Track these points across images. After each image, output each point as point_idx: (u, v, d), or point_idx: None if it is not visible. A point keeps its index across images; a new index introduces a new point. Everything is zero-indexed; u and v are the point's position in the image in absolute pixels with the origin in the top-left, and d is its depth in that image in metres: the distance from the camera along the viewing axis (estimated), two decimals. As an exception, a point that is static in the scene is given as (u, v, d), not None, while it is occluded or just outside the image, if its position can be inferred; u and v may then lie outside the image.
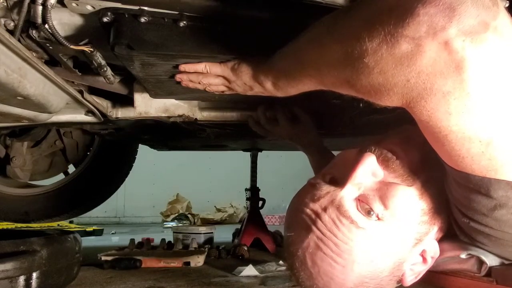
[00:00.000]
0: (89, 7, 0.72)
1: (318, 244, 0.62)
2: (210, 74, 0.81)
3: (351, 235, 0.61)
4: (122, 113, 1.13)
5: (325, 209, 0.63)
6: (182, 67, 0.80)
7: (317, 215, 0.64)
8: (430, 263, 0.68)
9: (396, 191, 0.64)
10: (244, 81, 0.78)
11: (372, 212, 0.62)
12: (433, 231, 0.68)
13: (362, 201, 0.63)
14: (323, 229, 0.62)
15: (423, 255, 0.68)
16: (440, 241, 0.70)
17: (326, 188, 0.66)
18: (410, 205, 0.65)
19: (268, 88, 0.75)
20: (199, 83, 0.84)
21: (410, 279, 0.68)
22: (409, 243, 0.65)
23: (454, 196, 0.61)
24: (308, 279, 0.65)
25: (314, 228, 0.63)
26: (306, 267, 0.64)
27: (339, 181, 0.66)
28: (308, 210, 0.65)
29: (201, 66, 0.80)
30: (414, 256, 0.67)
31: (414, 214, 0.65)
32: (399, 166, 0.66)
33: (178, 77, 0.84)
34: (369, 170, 0.64)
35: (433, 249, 0.68)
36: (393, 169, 0.66)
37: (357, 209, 0.63)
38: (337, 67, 0.56)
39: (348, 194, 0.64)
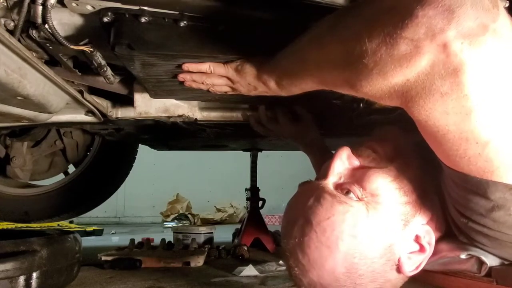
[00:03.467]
0: (89, 7, 0.72)
1: (303, 230, 0.64)
2: (213, 75, 0.81)
3: (332, 209, 0.63)
4: (122, 113, 1.13)
5: (309, 197, 0.67)
6: (186, 67, 0.80)
7: (302, 204, 0.67)
8: (429, 251, 0.67)
9: (371, 172, 0.67)
10: (248, 81, 0.79)
11: (351, 193, 0.65)
12: (421, 216, 0.67)
13: (342, 188, 0.67)
14: (306, 213, 0.65)
15: (418, 241, 0.67)
16: (440, 241, 0.70)
17: (312, 184, 0.71)
18: (386, 184, 0.66)
19: (272, 87, 0.76)
20: (203, 83, 0.84)
21: (410, 269, 0.67)
22: (395, 223, 0.65)
23: (452, 196, 0.61)
24: (303, 275, 0.65)
25: (299, 217, 0.66)
26: (298, 260, 0.65)
27: (322, 178, 0.70)
28: (295, 205, 0.71)
29: (205, 66, 0.80)
30: (407, 241, 0.66)
31: (392, 193, 0.66)
32: (371, 153, 0.72)
33: (181, 76, 0.84)
34: (344, 159, 0.70)
35: (427, 234, 0.67)
36: (366, 156, 0.72)
37: (338, 191, 0.66)
38: (338, 67, 0.56)
39: (330, 182, 0.68)
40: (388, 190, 0.66)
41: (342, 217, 0.63)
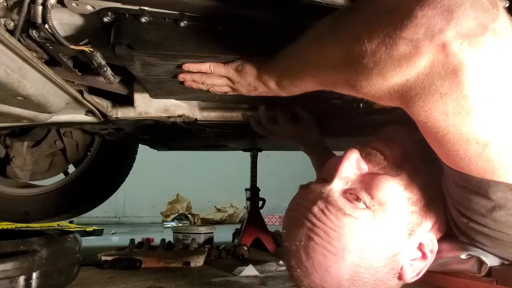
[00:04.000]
0: (89, 7, 0.72)
1: (309, 235, 0.64)
2: (214, 75, 0.81)
3: (338, 222, 0.63)
4: (122, 113, 1.13)
5: (314, 202, 0.66)
6: (186, 67, 0.80)
7: (307, 209, 0.66)
8: (430, 258, 0.67)
9: (381, 180, 0.66)
10: (248, 81, 0.79)
11: (359, 201, 0.64)
12: (426, 224, 0.67)
13: (350, 194, 0.66)
14: (313, 219, 0.64)
15: (421, 249, 0.67)
16: (440, 241, 0.70)
17: (316, 186, 0.69)
18: (396, 194, 0.66)
19: (272, 87, 0.76)
20: (203, 83, 0.84)
21: (410, 276, 0.67)
22: (401, 233, 0.65)
23: (453, 196, 0.61)
24: (305, 277, 0.65)
25: (304, 220, 0.65)
26: (301, 262, 0.65)
27: (328, 180, 0.68)
28: (299, 207, 0.69)
29: (205, 66, 0.80)
30: (411, 249, 0.67)
31: (401, 203, 0.66)
32: (382, 159, 0.70)
33: (181, 76, 0.84)
34: (353, 163, 0.68)
35: (430, 243, 0.67)
36: (376, 162, 0.70)
37: (345, 199, 0.65)
38: (337, 68, 0.56)
39: (336, 187, 0.67)
40: (397, 200, 0.65)
41: (348, 229, 0.62)
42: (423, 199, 0.67)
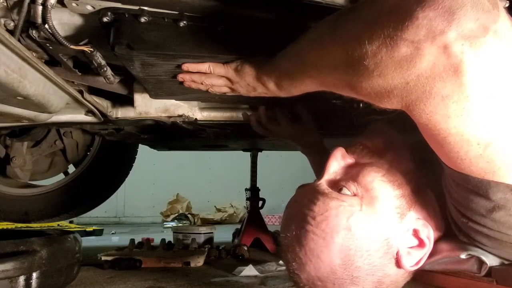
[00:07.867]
0: (89, 7, 0.72)
1: (300, 224, 0.66)
2: (213, 75, 0.81)
3: (325, 206, 0.66)
4: (122, 113, 1.13)
5: (306, 196, 0.70)
6: (185, 67, 0.80)
7: (300, 203, 0.70)
8: (428, 245, 0.67)
9: (364, 167, 0.69)
10: (247, 82, 0.79)
11: (344, 189, 0.67)
12: (417, 209, 0.68)
13: (337, 185, 0.69)
14: (303, 210, 0.67)
15: (417, 236, 0.67)
16: (440, 241, 0.70)
17: (308, 184, 0.74)
18: (380, 178, 0.68)
19: (271, 88, 0.76)
20: (202, 83, 0.84)
21: (410, 264, 0.67)
22: (390, 216, 0.66)
23: (452, 196, 0.61)
24: (301, 270, 0.66)
25: (297, 213, 0.69)
26: (295, 253, 0.66)
27: (319, 178, 0.72)
28: (293, 204, 0.73)
29: (204, 66, 0.80)
30: (405, 234, 0.67)
31: (386, 187, 0.67)
32: (365, 151, 0.74)
33: (181, 76, 0.84)
34: (339, 158, 0.73)
35: (424, 228, 0.67)
36: (360, 153, 0.74)
37: (332, 188, 0.69)
38: (338, 69, 0.56)
39: (324, 181, 0.71)
40: (381, 184, 0.67)
41: (335, 212, 0.64)
42: (409, 184, 0.68)
